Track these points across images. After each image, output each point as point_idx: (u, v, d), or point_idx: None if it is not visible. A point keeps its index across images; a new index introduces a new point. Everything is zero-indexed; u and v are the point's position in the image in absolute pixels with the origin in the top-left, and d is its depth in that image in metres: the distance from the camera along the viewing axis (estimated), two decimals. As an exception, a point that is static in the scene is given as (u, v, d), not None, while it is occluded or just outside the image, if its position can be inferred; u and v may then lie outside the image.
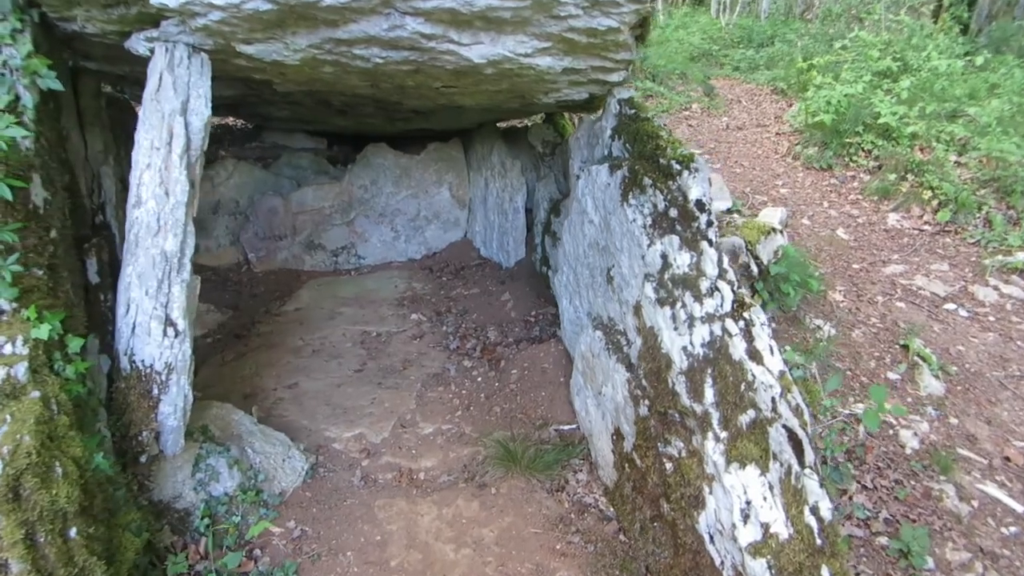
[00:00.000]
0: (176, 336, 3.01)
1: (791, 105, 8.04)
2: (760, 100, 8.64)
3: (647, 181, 3.20)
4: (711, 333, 2.87)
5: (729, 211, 5.06)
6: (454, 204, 6.24)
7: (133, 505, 2.91)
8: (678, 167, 3.13)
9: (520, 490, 3.65)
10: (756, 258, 4.05)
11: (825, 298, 4.38)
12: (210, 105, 3.15)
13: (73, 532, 2.32)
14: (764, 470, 2.57)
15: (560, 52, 3.18)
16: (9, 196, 2.61)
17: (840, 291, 4.54)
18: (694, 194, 3.05)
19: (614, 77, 3.63)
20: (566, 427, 4.04)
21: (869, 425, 2.93)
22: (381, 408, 4.21)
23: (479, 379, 4.50)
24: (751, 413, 2.69)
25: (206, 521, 3.20)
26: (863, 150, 6.71)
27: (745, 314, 2.85)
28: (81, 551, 2.33)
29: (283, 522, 3.39)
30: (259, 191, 5.91)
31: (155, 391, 3.02)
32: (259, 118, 5.98)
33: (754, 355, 2.78)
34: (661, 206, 3.12)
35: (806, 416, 2.64)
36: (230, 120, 6.66)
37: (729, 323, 2.85)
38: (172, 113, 3.04)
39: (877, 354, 4.07)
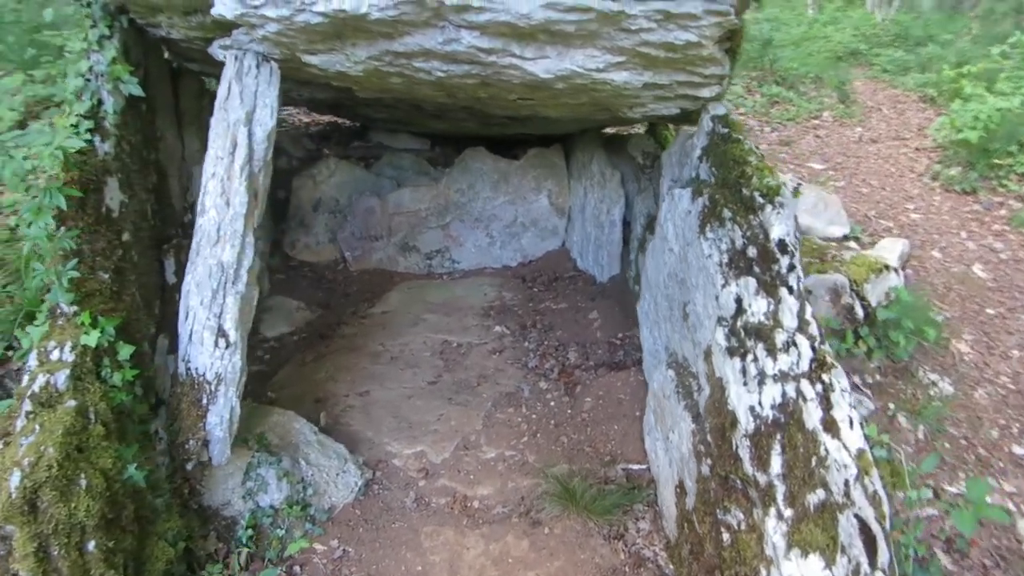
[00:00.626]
0: (227, 347, 3.00)
1: (940, 115, 7.22)
2: (904, 108, 7.83)
3: (727, 213, 2.87)
4: (783, 394, 2.52)
5: (845, 238, 4.56)
6: (552, 212, 6.03)
7: (175, 512, 2.93)
8: (761, 200, 2.78)
9: (575, 533, 3.42)
10: (863, 299, 3.60)
11: (946, 348, 3.84)
12: (275, 116, 3.11)
13: (91, 545, 2.32)
14: (830, 563, 2.22)
15: (638, 66, 2.91)
16: (63, 204, 2.65)
17: (967, 340, 3.97)
18: (776, 232, 2.70)
19: (705, 92, 3.30)
20: (635, 467, 3.76)
21: (962, 527, 2.49)
22: (447, 426, 4.09)
23: (552, 403, 4.29)
24: (820, 493, 2.34)
25: (250, 531, 3.19)
26: (1015, 173, 5.90)
27: (824, 376, 2.49)
28: (99, 565, 2.33)
29: (327, 540, 3.33)
30: (359, 190, 5.94)
31: (204, 400, 3.02)
32: (361, 118, 6.01)
33: (830, 426, 2.41)
34: (739, 243, 2.79)
35: (884, 507, 2.27)
36: (339, 119, 6.75)
37: (805, 385, 2.50)
38: (236, 123, 3.02)
39: (1003, 421, 3.51)
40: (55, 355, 2.58)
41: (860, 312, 3.59)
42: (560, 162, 5.99)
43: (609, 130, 6.17)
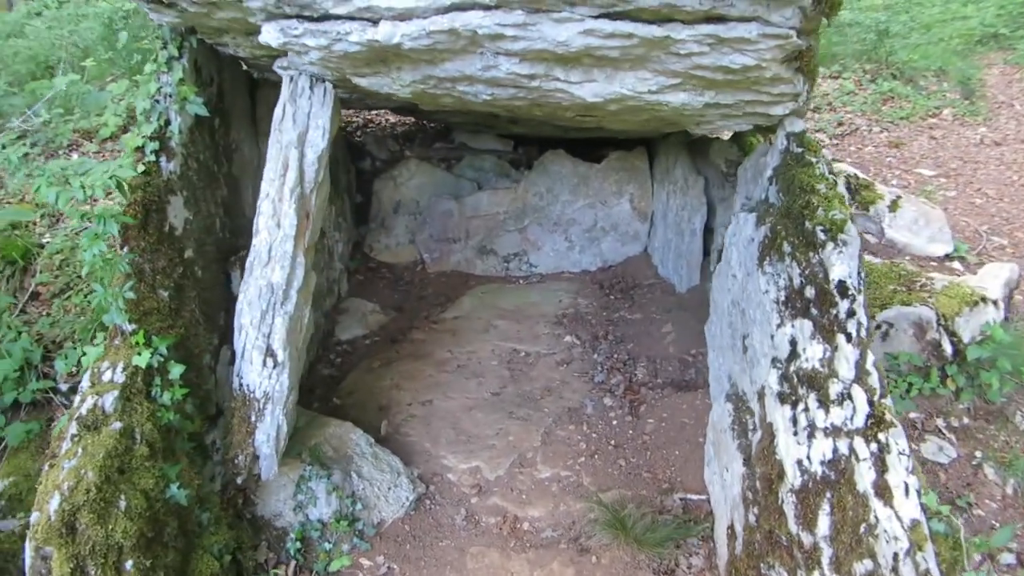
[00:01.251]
0: (275, 367, 3.06)
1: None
2: (1043, 104, 7.05)
3: (787, 247, 2.66)
4: (835, 450, 2.32)
5: (947, 258, 4.15)
6: (634, 216, 5.84)
7: (224, 525, 3.03)
8: (823, 236, 2.54)
9: (623, 564, 3.31)
10: (952, 334, 3.27)
11: (1051, 391, 3.45)
12: (328, 136, 3.13)
13: (129, 565, 2.42)
14: (870, 641, 2.03)
15: (696, 88, 2.72)
16: (115, 232, 2.75)
17: (1077, 383, 3.55)
18: (836, 273, 2.46)
19: (777, 110, 3.06)
20: (693, 497, 3.60)
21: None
22: (505, 441, 4.04)
23: (614, 422, 4.16)
24: (868, 564, 2.14)
25: (298, 544, 3.27)
26: None
27: (881, 435, 2.26)
28: (135, 582, 2.43)
29: (373, 555, 3.36)
30: (439, 192, 5.95)
31: (253, 417, 3.10)
32: (441, 121, 6.01)
33: (883, 491, 2.19)
34: (797, 281, 2.57)
35: (934, 589, 2.04)
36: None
37: (859, 442, 2.28)
38: (288, 144, 3.05)
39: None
40: (107, 376, 2.70)
41: (948, 348, 3.26)
42: (643, 165, 5.79)
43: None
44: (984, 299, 3.32)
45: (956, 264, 4.16)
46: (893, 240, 4.40)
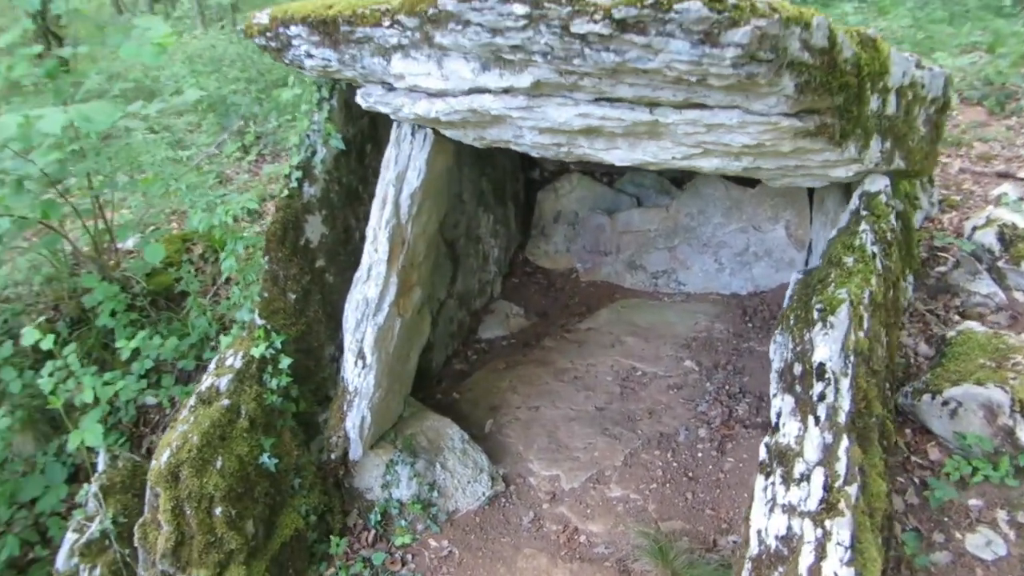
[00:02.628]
0: (363, 368, 3.64)
1: None
2: None
3: (792, 320, 2.67)
4: (788, 528, 2.38)
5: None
6: (790, 244, 5.67)
7: (317, 490, 3.70)
8: (817, 315, 2.52)
9: (657, 594, 3.49)
10: None
11: None
12: (423, 176, 3.60)
13: (218, 511, 3.14)
14: None
15: (725, 156, 2.80)
16: (240, 249, 3.47)
17: None
18: (818, 355, 2.44)
19: (839, 173, 3.02)
20: (746, 542, 3.63)
21: None
22: (590, 456, 4.32)
23: (699, 454, 4.25)
24: (788, 643, 2.21)
25: (379, 517, 3.86)
26: None
27: (827, 522, 2.27)
28: (221, 525, 3.15)
29: (440, 539, 3.86)
30: (598, 206, 6.23)
31: (345, 407, 3.72)
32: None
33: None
34: (789, 356, 2.59)
35: None
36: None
37: (807, 525, 2.32)
38: (388, 183, 3.59)
39: None
40: (229, 361, 3.46)
41: None
42: (801, 192, 5.60)
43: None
44: (1085, 389, 2.94)
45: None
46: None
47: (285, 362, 3.58)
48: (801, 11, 2.18)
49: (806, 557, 2.28)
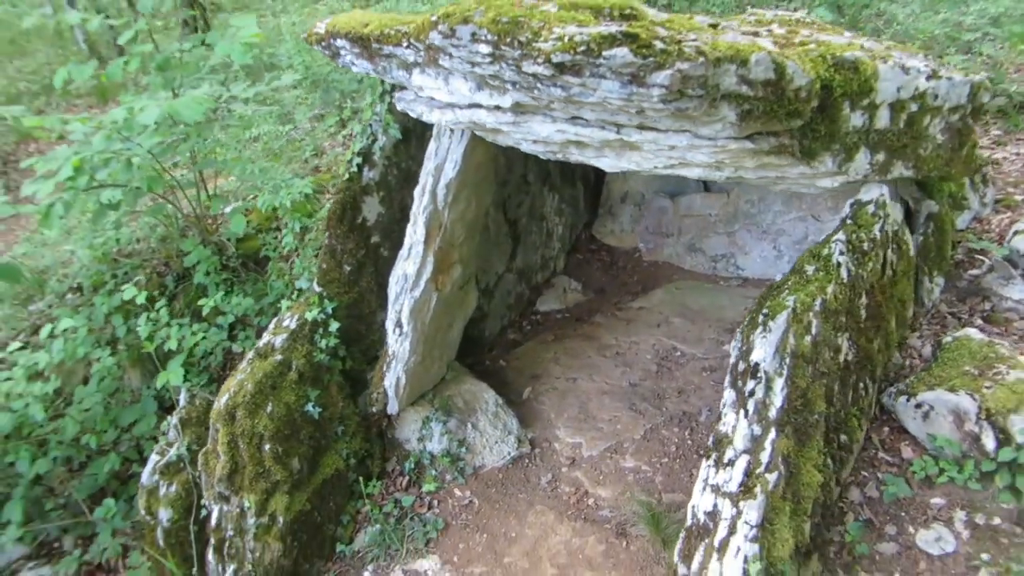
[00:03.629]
0: (401, 335, 4.15)
1: None
2: None
3: (747, 321, 2.91)
4: (714, 505, 2.68)
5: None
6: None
7: (358, 437, 4.27)
8: (762, 318, 2.75)
9: (646, 555, 3.83)
10: (1002, 431, 3.01)
11: None
12: (458, 167, 4.00)
13: (267, 447, 3.76)
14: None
15: (706, 167, 3.03)
16: (297, 228, 4.02)
17: None
18: (754, 356, 2.69)
19: (825, 183, 3.19)
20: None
21: None
22: (612, 428, 4.67)
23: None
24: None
25: (412, 465, 4.40)
26: None
27: (742, 503, 2.56)
28: (269, 459, 3.77)
29: (464, 489, 4.35)
30: (663, 188, 6.42)
31: (385, 368, 4.25)
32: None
33: (723, 548, 2.54)
34: (736, 355, 2.84)
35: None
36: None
37: (726, 504, 2.62)
38: (428, 173, 4.03)
39: None
40: (286, 323, 4.05)
41: (991, 445, 3.03)
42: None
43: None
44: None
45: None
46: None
47: (334, 325, 4.14)
48: (739, 49, 2.41)
49: (721, 531, 2.58)
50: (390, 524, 4.12)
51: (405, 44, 2.99)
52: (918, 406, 3.23)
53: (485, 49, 2.44)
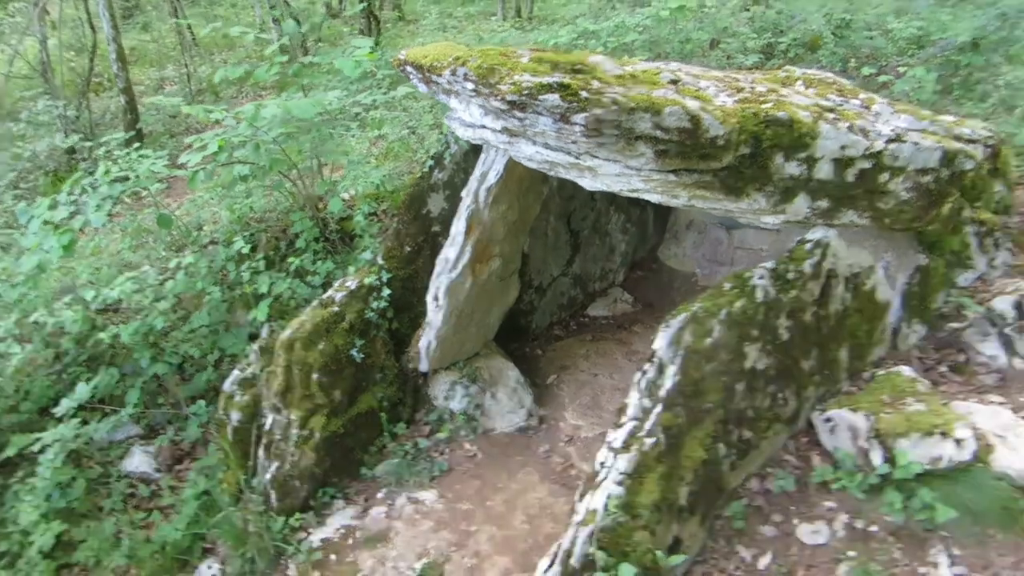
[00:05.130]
0: (437, 307, 5.05)
1: None
2: None
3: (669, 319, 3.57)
4: (605, 458, 3.38)
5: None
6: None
7: (393, 384, 5.22)
8: (670, 320, 3.40)
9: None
10: (888, 451, 3.41)
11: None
12: (500, 175, 4.85)
13: (315, 376, 4.78)
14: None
15: (664, 193, 3.69)
16: (365, 212, 5.04)
17: None
18: (655, 344, 3.35)
19: (768, 219, 3.77)
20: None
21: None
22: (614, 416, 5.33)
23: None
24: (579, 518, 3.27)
25: (435, 417, 5.29)
26: None
27: (620, 456, 3.24)
28: (315, 386, 4.79)
29: (473, 445, 5.18)
30: (723, 221, 6.93)
31: (423, 332, 5.18)
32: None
33: (599, 484, 3.23)
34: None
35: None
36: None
37: (610, 455, 3.31)
38: (475, 178, 4.91)
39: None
40: (348, 284, 5.08)
41: (877, 461, 3.42)
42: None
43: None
44: (946, 434, 3.33)
45: None
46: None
47: (386, 292, 5.12)
48: (654, 101, 3.12)
49: (601, 476, 3.28)
50: (407, 460, 5.03)
51: (442, 76, 3.90)
52: (827, 420, 3.72)
53: (471, 86, 3.30)
